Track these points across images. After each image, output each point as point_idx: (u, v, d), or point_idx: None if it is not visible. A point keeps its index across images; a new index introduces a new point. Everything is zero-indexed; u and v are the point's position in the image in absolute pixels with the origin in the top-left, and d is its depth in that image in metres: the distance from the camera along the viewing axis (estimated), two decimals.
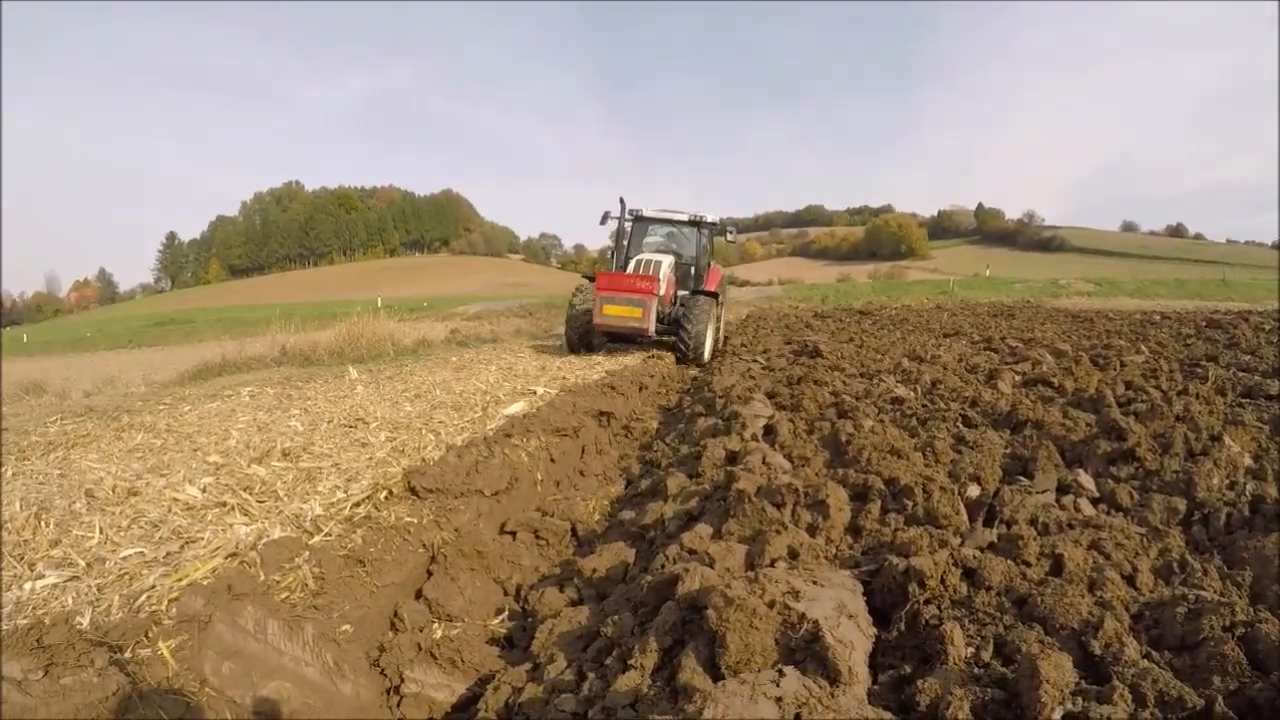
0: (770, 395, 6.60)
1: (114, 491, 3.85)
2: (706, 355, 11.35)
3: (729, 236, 13.22)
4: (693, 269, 13.04)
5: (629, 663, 2.15)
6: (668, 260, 12.02)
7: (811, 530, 3.02)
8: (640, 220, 13.22)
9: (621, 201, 12.06)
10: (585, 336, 11.56)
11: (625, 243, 12.67)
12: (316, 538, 3.32)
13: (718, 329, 12.88)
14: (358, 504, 3.78)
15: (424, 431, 5.40)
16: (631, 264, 11.97)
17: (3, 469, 4.44)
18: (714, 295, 12.18)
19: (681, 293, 12.55)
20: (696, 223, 12.90)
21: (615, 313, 10.77)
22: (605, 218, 12.53)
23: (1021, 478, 3.85)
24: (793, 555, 2.66)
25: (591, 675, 2.27)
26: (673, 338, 11.55)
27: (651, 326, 10.81)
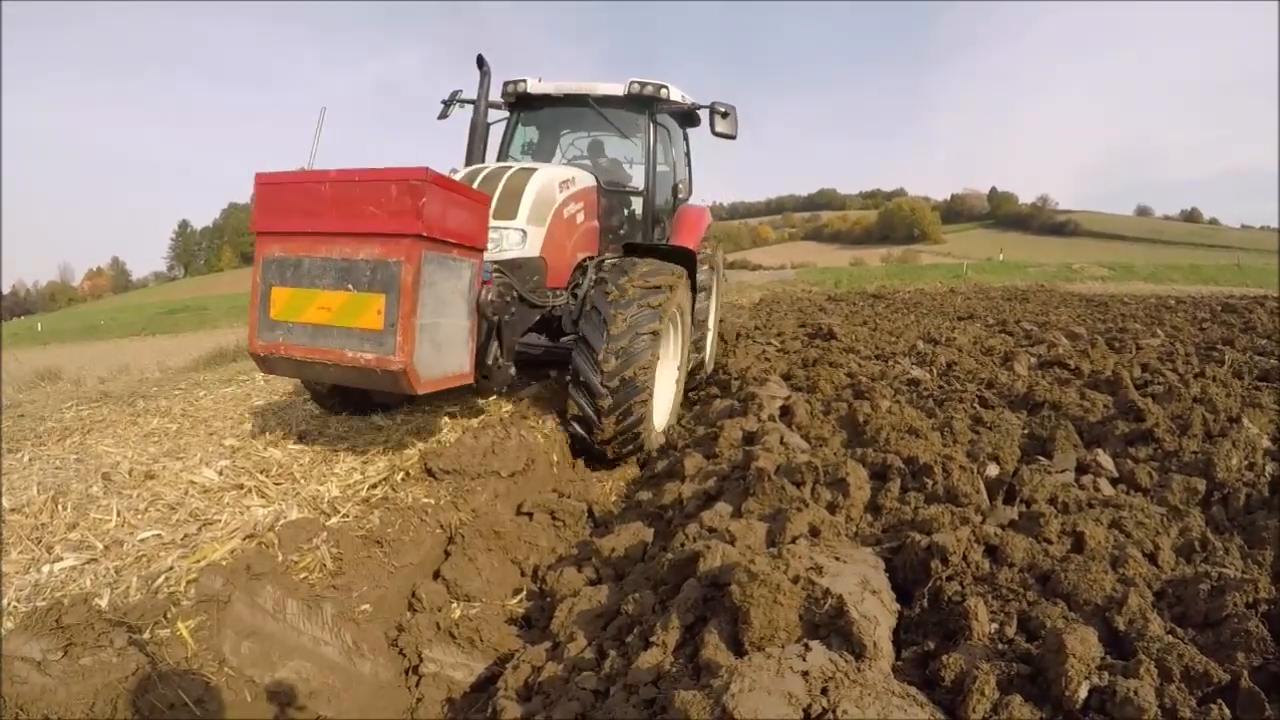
0: (786, 377, 6.59)
1: (131, 475, 3.86)
2: (658, 423, 5.19)
3: (719, 128, 6.00)
4: (642, 202, 6.20)
5: (650, 640, 2.15)
6: (565, 174, 5.17)
7: (832, 508, 3.01)
8: (524, 103, 6.25)
9: (481, 68, 5.30)
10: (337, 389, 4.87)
11: (485, 147, 5.70)
12: (334, 519, 3.35)
13: (702, 336, 6.73)
14: (374, 485, 3.79)
15: (439, 413, 5.41)
16: (479, 179, 4.85)
17: (12, 456, 4.46)
18: (688, 255, 5.58)
19: (611, 260, 5.35)
20: (646, 99, 5.84)
21: (304, 317, 3.37)
22: (448, 105, 5.98)
23: (1040, 458, 3.83)
24: (814, 533, 2.65)
25: (612, 653, 2.26)
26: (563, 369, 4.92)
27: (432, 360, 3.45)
